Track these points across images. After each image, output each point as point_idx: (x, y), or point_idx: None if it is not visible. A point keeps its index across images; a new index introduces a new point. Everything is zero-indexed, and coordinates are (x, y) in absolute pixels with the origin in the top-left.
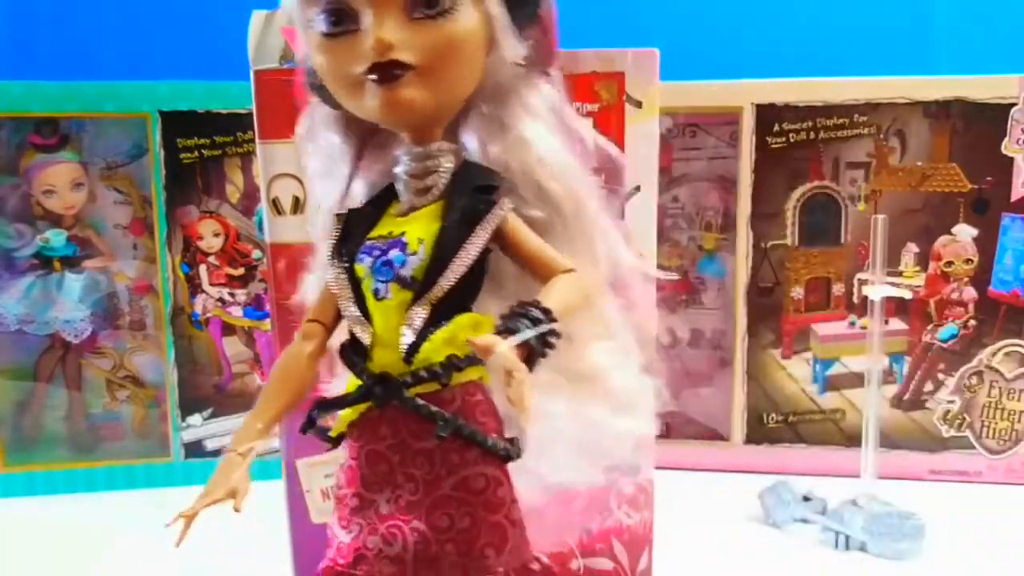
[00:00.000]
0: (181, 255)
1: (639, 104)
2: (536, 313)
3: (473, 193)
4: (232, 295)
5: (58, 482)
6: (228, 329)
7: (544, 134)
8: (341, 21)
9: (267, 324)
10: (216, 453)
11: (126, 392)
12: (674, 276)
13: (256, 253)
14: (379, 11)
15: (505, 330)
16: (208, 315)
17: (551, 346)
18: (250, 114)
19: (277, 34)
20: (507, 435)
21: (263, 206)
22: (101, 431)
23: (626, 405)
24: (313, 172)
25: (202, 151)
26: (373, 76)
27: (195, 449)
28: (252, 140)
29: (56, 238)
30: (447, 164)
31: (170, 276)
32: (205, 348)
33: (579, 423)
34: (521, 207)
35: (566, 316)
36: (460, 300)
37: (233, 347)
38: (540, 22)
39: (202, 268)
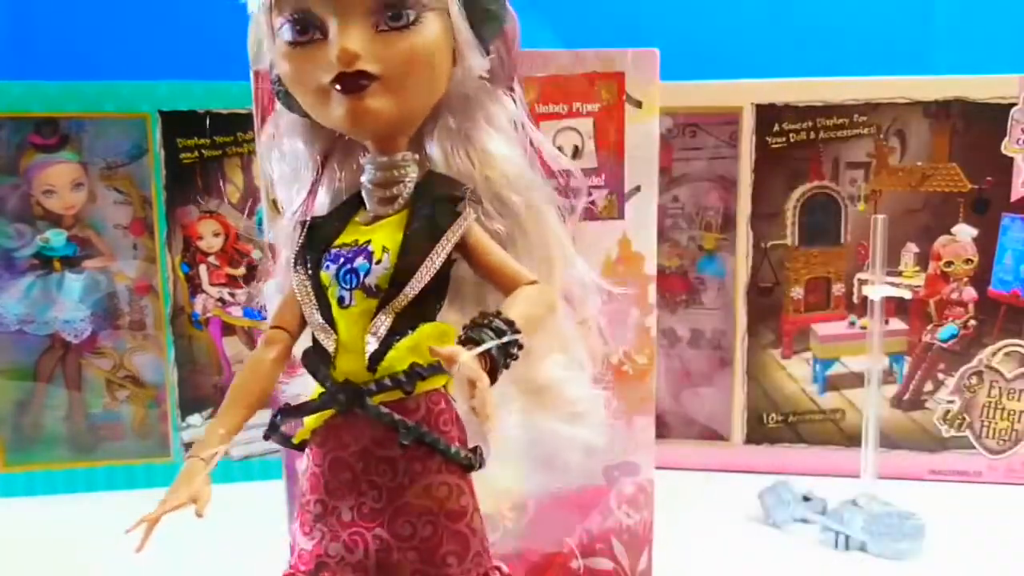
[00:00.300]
0: (181, 255)
1: (639, 104)
2: (499, 324)
3: (437, 203)
4: (232, 295)
5: (58, 482)
6: (228, 329)
7: (507, 148)
8: (307, 30)
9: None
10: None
11: (126, 392)
12: (626, 290)
13: (256, 253)
14: (344, 21)
15: (468, 340)
16: (208, 315)
17: (514, 357)
18: (250, 114)
19: None
20: (470, 444)
21: (263, 206)
22: (101, 431)
23: (579, 415)
24: (278, 178)
25: (202, 151)
26: (339, 86)
27: None
28: (252, 140)
29: (56, 238)
30: (412, 174)
31: (170, 276)
32: (205, 348)
33: (533, 432)
34: (483, 219)
35: (529, 327)
36: (424, 309)
37: (233, 347)
38: (504, 37)
39: (202, 268)
